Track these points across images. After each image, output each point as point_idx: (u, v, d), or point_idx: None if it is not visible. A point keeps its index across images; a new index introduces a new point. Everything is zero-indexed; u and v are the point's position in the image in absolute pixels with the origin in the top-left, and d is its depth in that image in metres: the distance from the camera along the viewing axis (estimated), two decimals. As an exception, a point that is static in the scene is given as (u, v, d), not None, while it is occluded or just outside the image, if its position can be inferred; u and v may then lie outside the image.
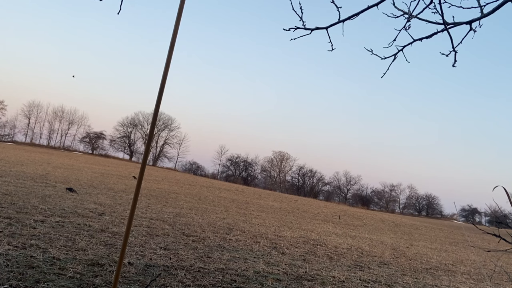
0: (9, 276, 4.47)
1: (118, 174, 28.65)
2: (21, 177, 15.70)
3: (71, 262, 5.37)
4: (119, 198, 14.06)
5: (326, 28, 3.81)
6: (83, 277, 4.87)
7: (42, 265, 5.05)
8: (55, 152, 53.48)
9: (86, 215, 9.30)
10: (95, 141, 76.61)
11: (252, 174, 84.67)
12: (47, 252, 5.66)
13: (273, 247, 9.30)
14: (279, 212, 21.40)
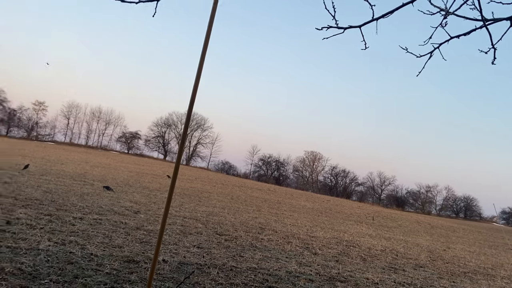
0: (50, 271, 4.65)
1: (152, 173, 29.26)
2: (61, 175, 16.30)
3: (108, 259, 5.53)
4: (153, 197, 14.35)
5: (360, 26, 3.74)
6: (120, 273, 5.00)
7: (81, 261, 5.22)
8: (92, 152, 55.24)
9: (122, 213, 9.55)
10: (130, 140, 78.60)
11: (284, 174, 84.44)
12: (85, 249, 5.85)
13: (305, 248, 9.24)
14: (311, 213, 21.24)
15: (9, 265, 4.59)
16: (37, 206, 8.60)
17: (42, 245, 5.65)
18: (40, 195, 10.02)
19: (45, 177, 14.60)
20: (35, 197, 9.58)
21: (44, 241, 5.84)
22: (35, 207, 8.41)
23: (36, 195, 10.00)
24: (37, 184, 12.18)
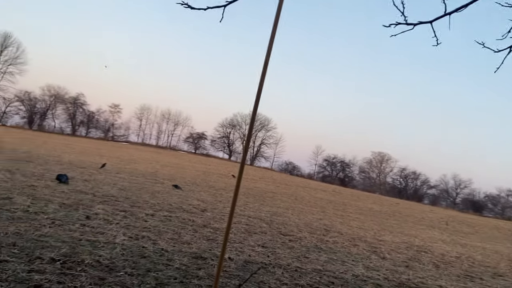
0: (125, 264, 4.93)
1: (218, 173, 29.98)
2: (134, 174, 17.24)
3: (178, 254, 5.75)
4: (219, 196, 14.70)
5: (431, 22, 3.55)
6: (188, 269, 5.18)
7: (153, 256, 5.48)
8: (162, 151, 57.80)
9: (190, 211, 9.88)
10: (197, 141, 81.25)
11: (349, 175, 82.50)
12: (156, 244, 6.13)
13: (373, 251, 8.96)
14: (379, 215, 20.55)
15: (89, 257, 4.93)
16: (113, 202, 9.16)
17: (118, 239, 6.01)
18: (116, 192, 10.67)
19: (120, 175, 15.52)
20: (111, 194, 10.21)
21: (119, 236, 6.20)
22: (112, 203, 8.96)
23: (112, 192, 10.66)
24: (113, 181, 12.98)
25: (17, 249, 4.77)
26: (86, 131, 75.24)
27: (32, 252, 4.77)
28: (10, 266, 4.21)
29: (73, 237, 5.74)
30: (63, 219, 6.70)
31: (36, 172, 12.04)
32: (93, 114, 75.50)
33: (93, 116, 75.70)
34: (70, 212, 7.37)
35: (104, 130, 77.16)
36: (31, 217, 6.44)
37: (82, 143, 42.54)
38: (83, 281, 4.17)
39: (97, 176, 13.92)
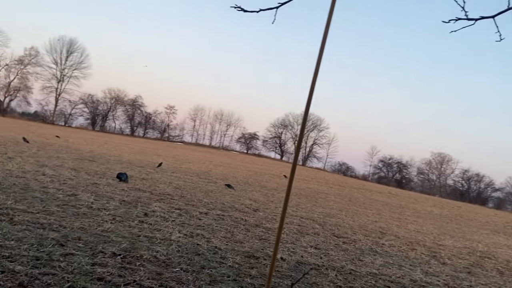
0: (180, 261, 5.08)
1: (270, 173, 30.09)
2: (189, 173, 17.72)
3: (231, 253, 5.84)
4: (271, 196, 14.74)
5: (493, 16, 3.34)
6: (241, 267, 5.24)
7: (206, 253, 5.61)
8: (215, 151, 58.94)
9: (242, 210, 10.00)
10: (249, 141, 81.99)
11: (407, 176, 79.50)
12: (210, 242, 6.26)
13: (432, 256, 8.59)
14: (439, 219, 19.65)
15: (147, 253, 5.13)
16: (169, 200, 9.48)
17: (174, 236, 6.21)
18: (171, 191, 11.03)
19: (175, 174, 16.02)
20: (167, 192, 10.57)
21: (175, 233, 6.41)
22: (167, 202, 9.27)
23: (168, 190, 11.02)
24: (169, 180, 13.42)
25: (82, 243, 5.07)
26: (143, 131, 78.42)
27: (95, 246, 5.04)
28: (76, 259, 4.48)
29: (132, 233, 6.00)
30: (123, 215, 7.03)
31: (98, 170, 12.72)
32: (150, 115, 78.57)
33: (150, 117, 78.77)
34: (129, 209, 7.72)
35: (160, 130, 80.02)
36: (94, 213, 6.82)
37: (140, 143, 44.37)
38: (141, 275, 4.35)
39: (154, 175, 14.45)
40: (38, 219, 5.80)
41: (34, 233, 5.15)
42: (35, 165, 11.37)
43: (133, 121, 77.87)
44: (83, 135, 41.54)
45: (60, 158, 14.44)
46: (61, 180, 9.64)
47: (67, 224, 5.82)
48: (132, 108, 77.29)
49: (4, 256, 4.19)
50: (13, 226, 5.27)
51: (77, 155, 17.15)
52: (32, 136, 24.05)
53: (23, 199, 6.96)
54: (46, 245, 4.76)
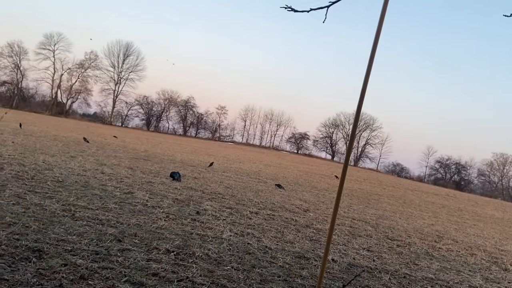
0: (231, 259, 5.13)
1: (320, 173, 29.74)
2: (239, 173, 17.90)
3: (281, 253, 5.82)
4: (322, 196, 14.56)
5: None
6: (291, 268, 5.21)
7: (257, 252, 5.62)
8: (265, 151, 59.17)
9: (292, 210, 9.94)
10: (299, 141, 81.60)
11: (466, 178, 75.60)
12: (260, 241, 6.28)
13: (493, 262, 8.09)
14: (501, 223, 18.49)
15: (199, 250, 5.23)
16: (220, 199, 9.62)
17: (225, 234, 6.29)
18: (222, 190, 11.19)
19: (226, 173, 16.25)
20: (218, 192, 10.74)
21: (226, 231, 6.49)
22: (219, 201, 9.42)
23: (219, 189, 11.20)
24: (220, 180, 13.64)
25: (137, 239, 5.26)
26: (195, 131, 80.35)
27: (150, 242, 5.22)
28: (132, 254, 4.66)
29: (185, 230, 6.15)
30: (176, 213, 7.23)
31: (153, 169, 13.17)
32: (202, 115, 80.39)
33: (202, 118, 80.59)
34: (182, 207, 7.92)
35: (211, 130, 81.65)
36: (149, 211, 7.06)
37: (192, 143, 45.47)
38: (194, 272, 4.43)
39: (206, 174, 14.74)
40: (97, 215, 6.10)
41: (94, 228, 5.41)
42: (95, 164, 11.97)
43: (186, 122, 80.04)
44: (139, 135, 43.24)
45: (118, 157, 15.11)
46: (118, 178, 10.08)
47: (124, 221, 6.06)
48: (185, 108, 79.48)
49: (67, 250, 4.43)
50: (74, 222, 5.57)
51: (133, 154, 17.87)
52: (92, 136, 25.37)
53: (83, 196, 7.34)
54: (104, 240, 4.99)
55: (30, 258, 4.02)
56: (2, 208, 5.62)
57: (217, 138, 78.98)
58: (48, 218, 5.53)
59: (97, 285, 3.69)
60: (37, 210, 5.81)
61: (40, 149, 13.41)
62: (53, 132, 23.85)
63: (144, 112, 78.06)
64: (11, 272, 3.64)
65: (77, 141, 19.75)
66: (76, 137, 22.67)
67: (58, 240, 4.69)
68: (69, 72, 73.69)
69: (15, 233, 4.65)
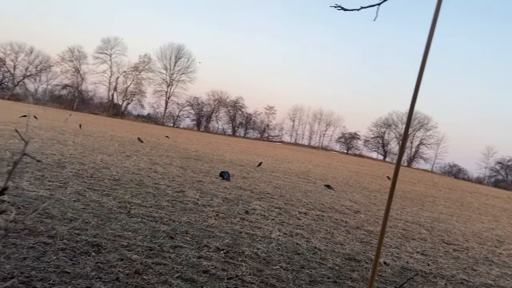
0: (280, 259, 5.13)
1: (372, 174, 29.02)
2: (288, 173, 17.86)
3: (330, 254, 5.74)
4: (373, 198, 14.20)
5: None
6: (342, 269, 5.12)
7: (306, 253, 5.58)
8: (314, 151, 58.61)
9: (342, 212, 9.78)
10: (349, 141, 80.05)
11: (530, 180, 70.81)
12: (310, 242, 6.23)
13: None
14: None
15: (248, 249, 5.27)
16: (268, 199, 9.65)
17: (274, 234, 6.30)
18: (271, 190, 11.22)
19: (274, 173, 16.27)
20: (267, 191, 10.77)
21: (275, 231, 6.50)
22: (267, 200, 9.45)
23: (268, 189, 11.23)
24: (269, 179, 13.68)
25: (189, 237, 5.39)
26: (244, 132, 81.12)
27: (200, 240, 5.33)
28: (183, 251, 4.78)
29: (234, 229, 6.23)
30: (226, 212, 7.34)
31: (203, 169, 13.45)
32: (251, 116, 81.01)
33: (251, 118, 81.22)
34: (231, 206, 8.02)
35: (260, 130, 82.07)
36: (199, 209, 7.22)
37: (241, 143, 45.94)
38: (243, 270, 4.48)
39: (254, 174, 14.84)
40: (151, 213, 6.32)
41: (148, 225, 5.61)
42: (148, 163, 12.42)
43: (235, 122, 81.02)
44: (189, 135, 44.33)
45: (169, 157, 15.58)
46: (170, 177, 10.39)
47: (176, 218, 6.24)
48: (234, 109, 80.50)
49: (123, 245, 4.63)
50: (130, 218, 5.81)
51: (184, 154, 18.35)
52: (146, 136, 26.34)
53: (138, 194, 7.64)
54: (158, 237, 5.16)
55: (90, 252, 4.24)
56: (64, 204, 5.97)
57: (265, 138, 79.30)
58: (105, 214, 5.80)
59: (151, 280, 3.83)
60: (95, 207, 6.11)
61: (98, 149, 14.11)
62: (110, 132, 25.02)
63: (195, 113, 79.95)
64: (72, 265, 3.86)
65: (132, 141, 20.58)
66: (131, 137, 23.63)
67: (115, 235, 4.91)
68: (125, 75, 77.00)
69: (75, 228, 4.93)
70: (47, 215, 5.24)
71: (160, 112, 78.81)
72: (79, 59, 75.43)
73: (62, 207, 5.79)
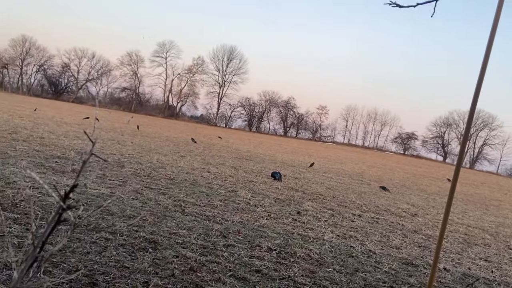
0: (333, 261, 5.04)
1: (430, 176, 27.81)
2: (341, 174, 17.54)
3: (386, 258, 5.56)
4: (432, 201, 13.59)
5: None
6: (398, 274, 4.94)
7: (360, 256, 5.44)
8: (369, 152, 57.17)
9: (399, 214, 9.44)
10: (406, 141, 77.34)
11: None
12: (364, 245, 6.07)
13: None
14: None
15: (300, 250, 5.23)
16: (321, 200, 9.52)
17: (326, 236, 6.20)
18: (323, 191, 11.07)
19: (327, 174, 16.04)
20: (319, 192, 10.64)
21: (327, 233, 6.39)
22: (319, 201, 9.33)
23: (320, 190, 11.09)
24: (321, 180, 13.51)
25: (241, 236, 5.44)
26: (296, 132, 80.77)
27: (252, 240, 5.36)
28: (236, 250, 4.83)
29: (286, 230, 6.20)
30: (277, 212, 7.33)
31: (255, 169, 13.54)
32: (302, 116, 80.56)
33: (302, 118, 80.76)
34: (283, 207, 8.00)
35: (312, 131, 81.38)
36: (251, 209, 7.27)
37: (292, 143, 45.78)
38: (295, 271, 4.45)
39: (306, 174, 14.72)
40: (205, 212, 6.45)
41: (201, 224, 5.73)
42: (201, 163, 12.70)
43: (286, 122, 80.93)
44: (241, 136, 44.85)
45: (222, 157, 15.83)
46: (223, 177, 10.55)
47: (228, 218, 6.32)
48: (285, 109, 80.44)
49: (178, 242, 4.76)
50: (184, 217, 5.96)
51: (236, 154, 18.58)
52: (199, 137, 26.97)
53: (192, 193, 7.83)
54: (211, 235, 5.25)
55: (147, 249, 4.40)
56: (123, 202, 6.24)
57: (317, 138, 78.49)
58: (161, 212, 6.00)
59: (205, 278, 3.90)
60: (152, 205, 6.34)
61: (155, 149, 14.64)
62: (165, 133, 25.88)
63: (246, 114, 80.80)
64: (131, 261, 4.02)
65: (186, 142, 21.15)
66: (185, 137, 24.30)
67: (171, 233, 5.06)
68: (179, 77, 79.50)
69: (134, 225, 5.13)
70: (108, 212, 5.50)
71: (213, 113, 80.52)
72: (136, 62, 78.93)
73: (122, 204, 6.06)
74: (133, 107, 76.98)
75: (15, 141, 10.79)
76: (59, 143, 11.89)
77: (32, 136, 12.61)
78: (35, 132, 13.97)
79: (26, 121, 17.83)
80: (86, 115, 29.95)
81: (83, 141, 13.42)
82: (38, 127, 15.98)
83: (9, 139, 10.98)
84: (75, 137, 14.26)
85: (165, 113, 76.72)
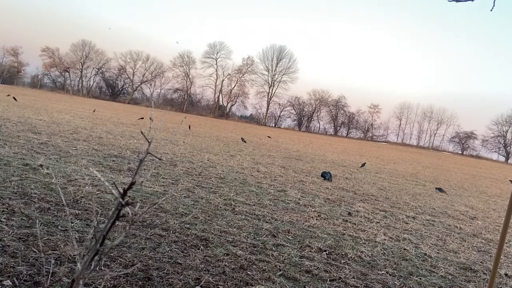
0: (386, 264, 4.90)
1: (491, 177, 26.30)
2: (394, 174, 17.01)
3: (442, 262, 5.33)
4: (493, 203, 12.85)
5: None
6: (455, 279, 4.72)
7: (415, 259, 5.26)
8: (424, 152, 55.00)
9: (456, 217, 9.01)
10: (465, 141, 73.66)
11: None
12: (418, 248, 5.85)
13: None
14: None
15: (351, 252, 5.13)
16: (373, 201, 9.29)
17: (379, 238, 6.04)
18: (375, 192, 10.79)
19: (379, 175, 15.62)
20: (371, 193, 10.38)
21: (380, 235, 6.23)
22: (371, 202, 9.10)
23: (372, 191, 10.82)
24: (373, 181, 13.17)
25: (291, 236, 5.43)
26: (346, 131, 79.32)
27: (302, 240, 5.33)
28: (286, 250, 4.83)
29: (337, 231, 6.11)
30: (327, 213, 7.24)
31: (304, 169, 13.45)
32: (353, 115, 78.99)
33: (353, 117, 79.19)
34: (333, 207, 7.89)
35: (363, 130, 79.56)
36: (301, 209, 7.23)
37: (343, 143, 45.00)
38: (346, 273, 4.37)
39: (357, 175, 14.41)
40: (254, 211, 6.50)
41: (251, 223, 5.78)
42: (251, 162, 12.80)
43: (337, 121, 79.71)
44: (290, 135, 44.72)
45: (271, 157, 15.88)
46: (272, 176, 10.58)
47: (278, 217, 6.33)
48: (336, 108, 79.28)
49: (229, 240, 4.83)
50: (234, 215, 6.04)
51: (285, 154, 18.55)
52: (248, 137, 27.21)
53: (242, 192, 7.91)
54: (261, 234, 5.28)
55: (199, 246, 4.50)
56: (176, 200, 6.43)
57: (369, 138, 76.58)
58: (212, 210, 6.12)
59: (255, 276, 3.93)
60: (203, 203, 6.48)
61: (206, 148, 14.95)
62: (215, 133, 26.36)
63: (296, 113, 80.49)
64: (183, 257, 4.14)
65: (235, 141, 21.41)
66: (235, 137, 24.60)
67: (221, 231, 5.15)
68: (229, 77, 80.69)
69: (186, 222, 5.27)
70: (161, 210, 5.69)
71: (262, 113, 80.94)
72: (188, 64, 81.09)
73: (174, 202, 6.24)
74: (185, 108, 79.08)
75: (76, 141, 11.43)
76: (116, 143, 12.47)
77: (91, 136, 13.31)
78: (94, 132, 14.73)
79: (86, 121, 18.84)
80: (141, 116, 31.15)
81: (138, 141, 13.98)
82: (96, 127, 16.83)
83: (70, 139, 11.65)
84: (130, 137, 14.88)
85: (216, 113, 78.13)
